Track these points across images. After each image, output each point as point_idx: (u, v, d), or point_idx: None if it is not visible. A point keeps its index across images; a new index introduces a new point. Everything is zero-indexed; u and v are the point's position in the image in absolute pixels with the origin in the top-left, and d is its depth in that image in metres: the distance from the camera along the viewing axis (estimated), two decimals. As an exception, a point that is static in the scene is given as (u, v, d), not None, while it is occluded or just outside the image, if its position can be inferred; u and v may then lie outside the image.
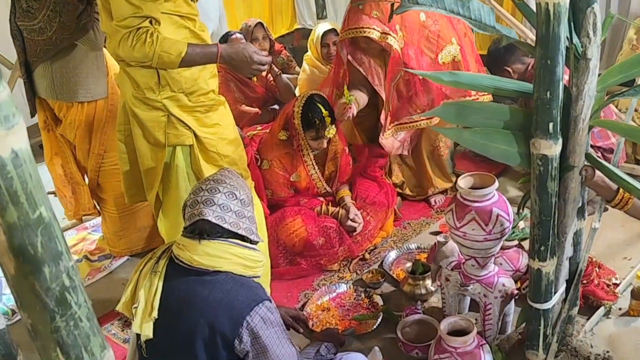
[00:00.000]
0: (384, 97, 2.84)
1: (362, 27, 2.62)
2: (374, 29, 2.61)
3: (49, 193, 3.68)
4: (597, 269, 2.29)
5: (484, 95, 2.78)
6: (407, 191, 3.15)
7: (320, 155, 2.83)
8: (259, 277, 1.68)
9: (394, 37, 2.60)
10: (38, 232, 0.61)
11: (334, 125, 2.66)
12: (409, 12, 2.55)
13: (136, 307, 1.61)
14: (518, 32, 1.73)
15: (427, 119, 2.74)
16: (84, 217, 3.10)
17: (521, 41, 1.52)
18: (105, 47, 2.60)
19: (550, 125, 1.48)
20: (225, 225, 1.59)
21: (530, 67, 3.06)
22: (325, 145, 2.73)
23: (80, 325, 0.65)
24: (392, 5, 1.42)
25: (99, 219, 3.22)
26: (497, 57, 3.12)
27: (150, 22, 1.81)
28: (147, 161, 2.03)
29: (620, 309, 2.20)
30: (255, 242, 1.67)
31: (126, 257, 2.95)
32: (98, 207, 2.94)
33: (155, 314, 1.57)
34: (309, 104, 2.63)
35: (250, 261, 1.63)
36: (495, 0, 3.53)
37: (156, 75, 1.91)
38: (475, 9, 1.46)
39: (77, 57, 2.51)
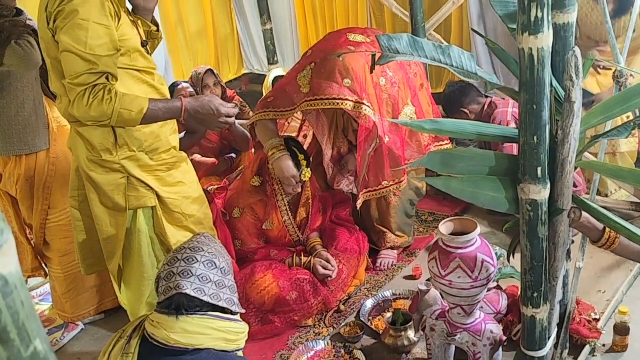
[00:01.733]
0: (327, 152, 2.77)
1: (334, 98, 2.37)
2: (347, 99, 2.37)
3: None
4: (576, 305, 2.27)
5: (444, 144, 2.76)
6: None
7: (293, 202, 2.73)
8: (242, 349, 1.54)
9: (368, 106, 2.40)
10: (32, 371, 0.48)
11: (309, 169, 2.58)
12: (369, 77, 2.45)
13: (106, 396, 1.43)
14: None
15: (396, 183, 2.64)
16: (29, 279, 2.86)
17: (504, 86, 1.49)
18: (47, 95, 2.44)
19: (539, 169, 1.45)
20: (205, 298, 1.45)
21: (486, 106, 3.12)
22: (299, 189, 2.64)
23: None
24: (374, 56, 1.36)
25: (46, 287, 2.98)
26: (452, 99, 3.17)
27: (107, 78, 1.69)
28: (105, 227, 1.86)
29: (603, 345, 2.18)
30: (236, 313, 1.53)
31: (79, 328, 2.71)
32: (45, 268, 2.72)
33: (129, 402, 1.40)
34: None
35: (233, 334, 1.50)
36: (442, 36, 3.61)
37: (112, 134, 1.78)
38: (456, 55, 1.42)
39: (12, 107, 2.34)
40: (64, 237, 2.52)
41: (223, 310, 1.50)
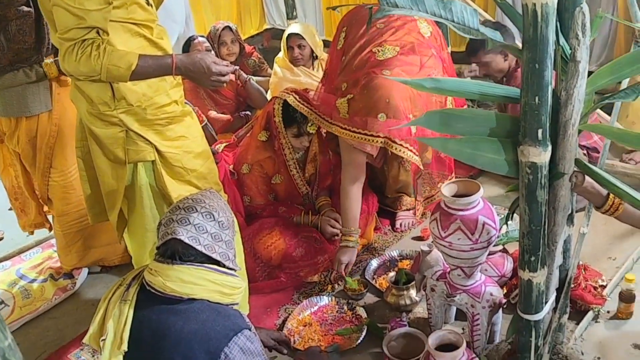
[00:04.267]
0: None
1: (365, 134, 2.32)
2: (378, 136, 2.31)
3: (11, 209, 3.52)
4: (583, 271, 2.24)
5: None
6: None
7: (301, 160, 2.74)
8: (237, 304, 1.57)
9: (401, 145, 2.36)
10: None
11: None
12: (414, 94, 2.32)
13: (104, 340, 1.49)
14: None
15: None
16: (44, 232, 2.99)
17: (507, 44, 1.44)
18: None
19: (539, 131, 1.40)
20: (199, 247, 1.48)
21: (513, 63, 2.99)
22: (307, 143, 2.65)
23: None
24: (371, 9, 1.32)
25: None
26: (475, 43, 3.04)
27: (98, 33, 1.67)
28: (107, 179, 1.89)
29: (608, 312, 2.16)
30: (232, 269, 1.56)
31: (86, 273, 2.81)
32: (50, 222, 2.83)
33: (124, 346, 1.45)
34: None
35: (228, 288, 1.53)
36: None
37: (110, 88, 1.77)
38: (458, 11, 1.37)
39: (18, 73, 2.36)
40: (61, 197, 2.59)
41: (218, 264, 1.53)
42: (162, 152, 1.86)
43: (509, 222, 2.35)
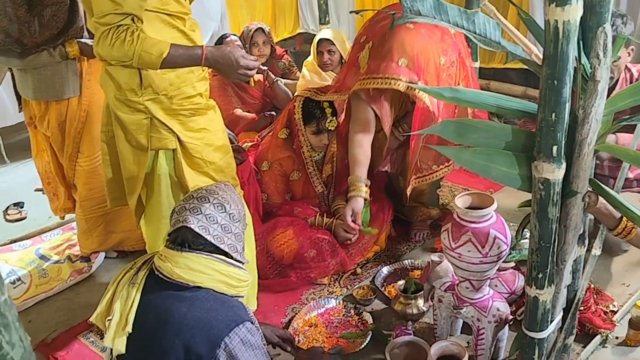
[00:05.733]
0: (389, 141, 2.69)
1: (387, 78, 2.34)
2: (400, 79, 2.33)
3: (36, 190, 3.62)
4: (595, 295, 2.22)
5: None
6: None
7: (319, 161, 2.78)
8: (242, 297, 1.60)
9: (423, 90, 2.34)
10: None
11: (335, 117, 2.61)
12: (430, 56, 2.37)
13: (110, 320, 1.53)
14: (524, 48, 1.66)
15: (446, 166, 2.63)
16: (67, 215, 3.04)
17: (527, 59, 1.44)
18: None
19: (554, 148, 1.40)
20: (208, 237, 1.51)
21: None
22: (326, 141, 2.68)
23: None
24: (393, 15, 1.34)
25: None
26: None
27: (133, 20, 1.73)
28: (129, 165, 1.95)
29: (617, 337, 2.13)
30: (240, 262, 1.59)
31: (103, 257, 2.87)
32: None
33: (129, 328, 1.49)
34: (310, 98, 2.60)
35: (234, 280, 1.55)
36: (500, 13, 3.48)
37: (138, 76, 1.83)
38: (481, 22, 1.38)
39: (42, 54, 2.43)
40: (85, 182, 2.66)
41: (227, 255, 1.56)
42: (183, 142, 1.91)
43: (525, 239, 2.36)
